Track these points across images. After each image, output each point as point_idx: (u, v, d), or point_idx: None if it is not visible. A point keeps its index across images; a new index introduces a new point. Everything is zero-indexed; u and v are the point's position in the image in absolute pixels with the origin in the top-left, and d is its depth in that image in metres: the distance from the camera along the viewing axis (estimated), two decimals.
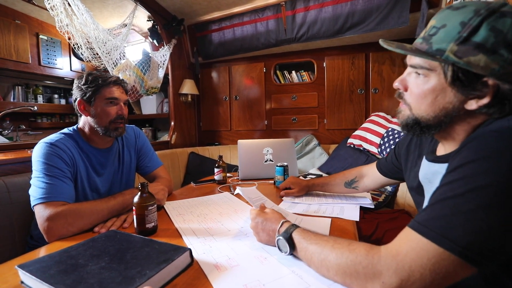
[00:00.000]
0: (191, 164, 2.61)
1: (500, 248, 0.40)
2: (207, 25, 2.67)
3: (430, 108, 0.54)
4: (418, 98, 0.55)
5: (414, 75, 0.56)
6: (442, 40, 0.49)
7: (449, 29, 0.49)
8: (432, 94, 0.53)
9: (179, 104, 2.82)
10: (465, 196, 0.41)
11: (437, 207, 0.44)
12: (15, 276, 0.57)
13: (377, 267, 0.45)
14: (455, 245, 0.40)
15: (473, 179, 0.42)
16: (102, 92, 1.02)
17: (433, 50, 0.50)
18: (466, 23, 0.47)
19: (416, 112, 0.56)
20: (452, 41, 0.48)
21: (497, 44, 0.45)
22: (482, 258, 0.39)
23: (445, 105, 0.52)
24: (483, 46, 0.45)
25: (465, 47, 0.47)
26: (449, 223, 0.41)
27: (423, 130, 0.57)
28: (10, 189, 1.10)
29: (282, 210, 0.93)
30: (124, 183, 1.18)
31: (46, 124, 3.02)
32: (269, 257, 0.64)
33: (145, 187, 0.80)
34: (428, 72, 0.52)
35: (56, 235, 0.79)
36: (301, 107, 2.68)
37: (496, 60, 0.45)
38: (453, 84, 0.50)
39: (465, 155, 0.45)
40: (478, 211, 0.40)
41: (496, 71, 0.46)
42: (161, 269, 0.53)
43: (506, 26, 0.45)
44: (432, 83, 0.52)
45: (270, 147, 1.57)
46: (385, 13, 1.97)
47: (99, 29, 1.91)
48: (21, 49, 2.50)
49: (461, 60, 0.47)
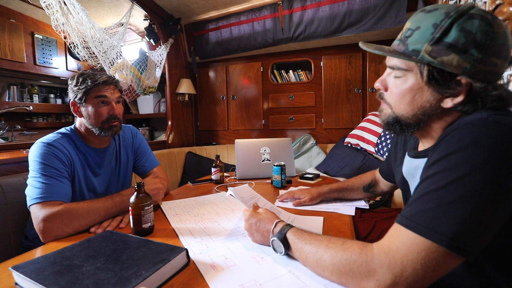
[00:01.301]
0: (188, 164, 2.60)
1: (485, 235, 0.42)
2: (204, 24, 2.66)
3: (409, 107, 0.56)
4: (398, 97, 0.58)
5: (393, 76, 0.58)
6: (417, 41, 0.52)
7: (423, 30, 0.51)
8: (410, 94, 0.55)
9: (176, 104, 2.81)
10: (447, 188, 0.43)
11: (421, 200, 0.45)
12: (9, 277, 0.57)
13: (370, 265, 0.46)
14: (442, 236, 0.41)
15: (453, 171, 0.43)
16: (91, 92, 1.00)
17: (409, 51, 0.53)
18: (438, 24, 0.50)
19: (396, 111, 0.59)
20: (426, 41, 0.51)
21: (468, 44, 0.47)
22: (469, 247, 0.41)
23: (423, 103, 0.55)
24: (454, 46, 0.48)
25: (438, 47, 0.50)
26: (434, 216, 0.42)
27: (403, 128, 0.60)
28: (5, 190, 1.09)
29: (274, 208, 0.93)
30: (121, 183, 1.17)
31: (42, 124, 2.99)
32: (266, 257, 0.64)
33: (141, 187, 0.80)
34: (406, 72, 0.55)
35: (52, 235, 0.78)
36: (299, 107, 2.68)
37: (467, 59, 0.48)
38: (429, 83, 0.52)
39: (444, 148, 0.46)
40: (460, 202, 0.41)
41: (468, 70, 0.48)
42: (157, 269, 0.53)
43: (474, 27, 0.47)
44: (409, 83, 0.55)
45: (268, 146, 1.57)
46: (382, 12, 1.97)
47: (95, 28, 1.90)
48: (16, 48, 2.47)
49: (435, 59, 0.50)
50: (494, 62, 0.49)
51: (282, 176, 1.31)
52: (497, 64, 0.49)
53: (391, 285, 0.43)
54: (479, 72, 0.48)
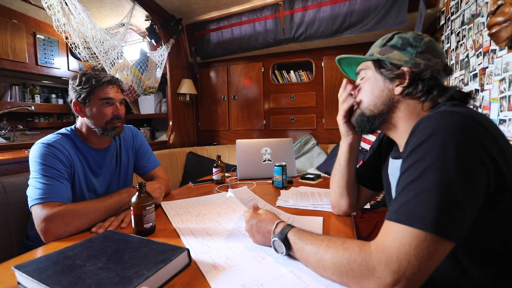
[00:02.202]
0: (189, 164, 2.60)
1: (464, 216, 0.44)
2: (205, 24, 2.66)
3: (371, 98, 0.70)
4: (362, 92, 0.72)
5: (359, 78, 0.74)
6: (372, 49, 0.73)
7: (376, 43, 0.73)
8: (370, 86, 0.70)
9: (177, 104, 2.82)
10: (422, 177, 0.46)
11: (403, 193, 0.49)
12: (12, 277, 0.57)
13: (369, 263, 0.47)
14: (426, 221, 0.43)
15: (423, 160, 0.47)
16: (96, 92, 1.00)
17: (368, 55, 0.73)
18: (385, 37, 0.71)
19: (362, 106, 0.72)
20: (377, 46, 0.71)
21: (404, 44, 0.66)
22: (452, 229, 0.43)
23: (380, 93, 0.68)
24: (395, 46, 0.67)
25: (384, 48, 0.69)
26: (416, 205, 0.45)
27: (370, 120, 0.71)
28: (7, 189, 1.10)
29: (274, 209, 0.93)
30: (122, 183, 1.18)
31: (44, 124, 3.00)
32: (267, 257, 0.64)
33: (143, 187, 0.80)
34: (366, 71, 0.72)
35: (53, 235, 0.79)
36: (300, 107, 2.68)
37: (406, 54, 0.65)
38: (381, 73, 0.68)
39: (412, 142, 0.51)
40: (435, 186, 0.45)
41: (408, 61, 0.65)
42: (159, 269, 0.53)
43: (408, 35, 0.67)
44: (368, 76, 0.71)
45: (269, 146, 1.57)
46: (383, 13, 1.97)
47: (97, 29, 1.90)
48: (18, 49, 2.48)
49: (383, 56, 0.68)
50: (427, 57, 0.64)
51: (283, 177, 1.31)
52: (430, 59, 0.64)
53: (391, 284, 0.44)
54: (416, 63, 0.64)
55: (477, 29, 1.32)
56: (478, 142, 0.46)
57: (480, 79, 1.30)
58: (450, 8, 1.67)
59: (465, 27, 1.46)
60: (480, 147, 0.46)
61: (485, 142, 0.46)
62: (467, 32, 1.44)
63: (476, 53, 1.34)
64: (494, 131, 0.48)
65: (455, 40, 1.61)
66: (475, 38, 1.35)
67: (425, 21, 1.92)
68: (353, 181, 0.88)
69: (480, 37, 1.29)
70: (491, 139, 0.47)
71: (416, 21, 1.80)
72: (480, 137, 0.46)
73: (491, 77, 1.19)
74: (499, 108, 1.13)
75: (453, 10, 1.62)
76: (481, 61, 1.29)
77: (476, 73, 1.34)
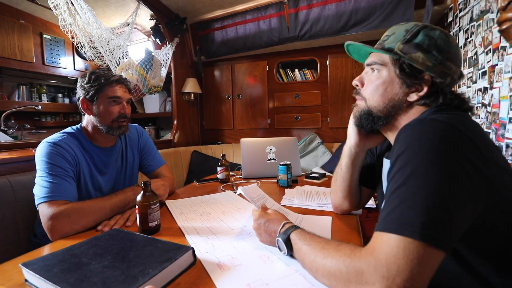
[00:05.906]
0: (194, 163, 2.61)
1: (452, 221, 0.43)
2: (209, 23, 2.66)
3: (381, 99, 0.65)
4: (372, 90, 0.67)
5: (370, 72, 0.68)
6: (392, 41, 0.64)
7: (397, 34, 0.64)
8: (383, 86, 0.65)
9: (182, 103, 2.82)
10: (406, 184, 0.47)
11: (389, 202, 0.48)
12: (19, 274, 0.57)
13: (358, 265, 0.45)
14: (412, 228, 0.43)
15: (407, 167, 0.48)
16: (104, 91, 1.02)
17: (386, 48, 0.65)
18: (409, 30, 0.63)
19: (370, 103, 0.67)
20: (399, 41, 0.63)
21: (431, 46, 0.59)
22: (440, 236, 0.42)
23: (393, 96, 0.64)
24: (421, 46, 0.60)
25: (408, 45, 0.61)
26: (402, 212, 0.45)
27: (374, 120, 0.67)
28: (14, 188, 1.11)
29: (282, 209, 0.93)
30: (127, 182, 1.18)
31: (50, 123, 3.04)
32: (272, 257, 0.64)
33: (148, 186, 0.80)
34: (381, 67, 0.65)
35: (59, 233, 0.79)
36: (304, 106, 2.67)
37: (430, 58, 0.59)
38: (399, 76, 0.62)
39: (396, 150, 0.52)
40: (420, 192, 0.45)
41: (431, 67, 0.59)
42: (164, 268, 0.53)
43: (436, 35, 0.60)
44: (383, 76, 0.65)
45: (273, 145, 1.57)
46: (389, 10, 1.94)
47: (102, 28, 1.91)
48: (25, 49, 2.51)
49: (405, 55, 0.61)
50: (450, 66, 0.60)
51: (288, 176, 1.31)
52: (451, 68, 0.60)
53: None
54: (439, 71, 0.59)
55: (487, 25, 1.30)
56: (458, 149, 0.47)
57: (489, 77, 1.27)
58: (458, 4, 1.64)
59: (474, 24, 1.43)
60: (459, 154, 0.46)
61: (465, 149, 0.47)
62: (475, 29, 1.42)
63: (485, 50, 1.31)
64: (474, 137, 0.48)
65: (463, 37, 1.58)
66: (484, 35, 1.32)
67: (432, 18, 1.89)
68: (356, 185, 0.86)
69: (490, 33, 1.26)
70: (471, 145, 0.48)
71: (423, 18, 1.78)
72: (460, 145, 0.47)
73: (501, 75, 1.17)
74: (509, 106, 1.11)
75: (462, 7, 1.59)
76: (490, 59, 1.26)
77: (485, 71, 1.32)
